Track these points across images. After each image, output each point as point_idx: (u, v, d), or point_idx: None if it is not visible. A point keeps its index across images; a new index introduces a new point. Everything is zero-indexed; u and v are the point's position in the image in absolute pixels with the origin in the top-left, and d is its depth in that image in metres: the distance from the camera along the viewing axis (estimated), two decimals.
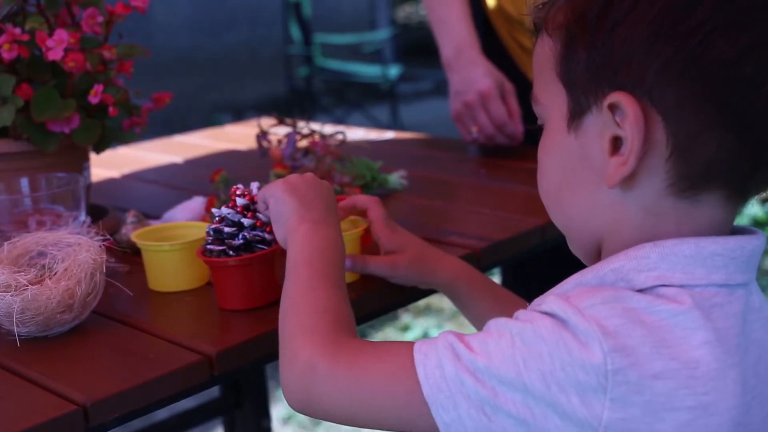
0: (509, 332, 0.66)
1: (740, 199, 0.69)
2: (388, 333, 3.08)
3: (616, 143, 0.67)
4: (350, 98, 6.70)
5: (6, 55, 1.15)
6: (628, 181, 0.68)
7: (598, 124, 0.68)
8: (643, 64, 0.64)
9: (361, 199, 1.05)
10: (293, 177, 0.93)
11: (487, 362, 0.65)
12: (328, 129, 1.65)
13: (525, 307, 0.82)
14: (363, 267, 1.01)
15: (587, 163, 0.70)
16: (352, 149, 1.55)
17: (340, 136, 1.55)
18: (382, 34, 7.00)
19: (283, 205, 0.90)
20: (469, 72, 1.57)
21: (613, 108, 0.66)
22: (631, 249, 0.68)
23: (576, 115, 0.70)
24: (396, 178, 1.44)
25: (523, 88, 1.66)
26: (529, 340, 0.64)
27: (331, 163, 1.44)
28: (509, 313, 0.70)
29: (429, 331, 3.00)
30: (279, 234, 0.91)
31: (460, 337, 0.68)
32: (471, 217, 1.32)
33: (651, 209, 0.68)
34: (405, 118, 6.09)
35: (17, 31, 1.15)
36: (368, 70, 6.33)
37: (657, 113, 0.65)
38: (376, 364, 0.71)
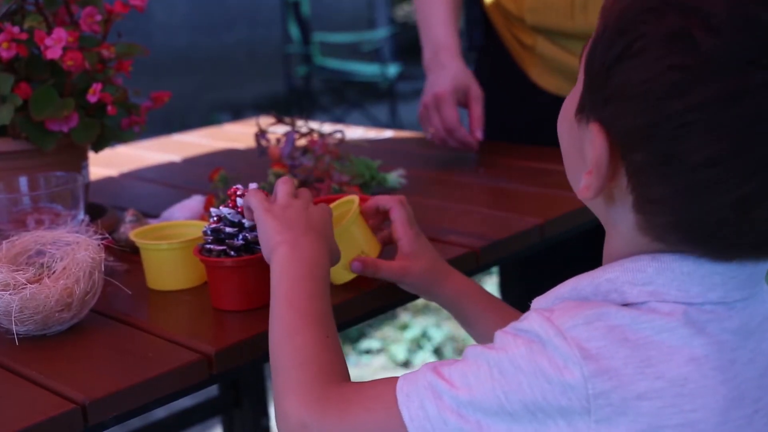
0: (486, 363, 0.66)
1: (722, 258, 0.66)
2: (387, 332, 3.08)
3: None
4: (349, 97, 6.70)
5: (4, 54, 1.15)
6: (607, 197, 0.68)
7: (589, 135, 0.67)
8: (625, 114, 0.63)
9: (384, 200, 1.04)
10: (278, 205, 0.91)
11: (469, 396, 0.66)
12: (327, 128, 1.65)
13: None
14: (374, 272, 1.00)
15: (581, 158, 0.70)
16: (351, 148, 1.55)
17: (338, 135, 1.55)
18: (381, 33, 7.00)
19: (261, 224, 0.90)
20: (437, 75, 1.56)
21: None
22: (628, 260, 0.67)
23: (580, 110, 0.69)
24: (394, 177, 1.44)
25: (521, 87, 1.66)
26: (506, 371, 0.64)
27: (329, 162, 1.44)
28: None
29: (428, 330, 3.00)
30: (264, 252, 0.90)
31: (439, 372, 0.68)
32: (470, 216, 1.32)
33: (627, 235, 0.68)
34: (404, 117, 6.10)
35: (16, 29, 1.15)
36: (367, 69, 6.33)
37: (622, 164, 0.65)
38: (364, 412, 0.73)
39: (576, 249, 1.38)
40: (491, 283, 3.23)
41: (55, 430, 0.81)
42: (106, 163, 1.76)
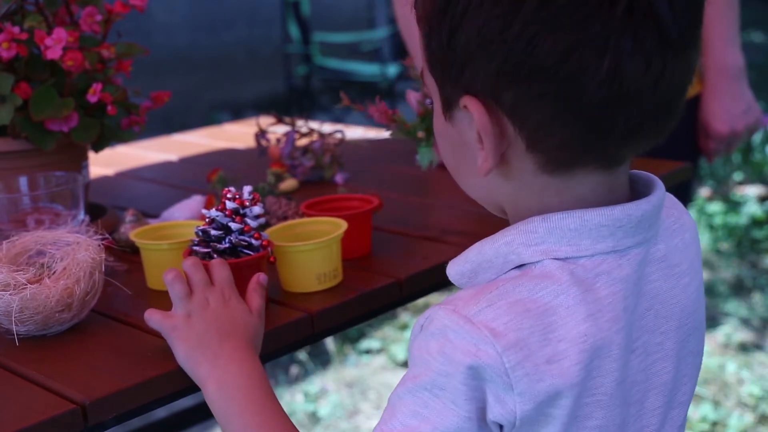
0: (425, 390, 0.68)
1: (615, 165, 0.71)
2: (387, 332, 3.08)
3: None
4: (349, 97, 6.70)
5: (5, 54, 1.15)
6: (503, 167, 0.71)
7: (465, 117, 0.71)
8: (481, 68, 0.67)
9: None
10: (177, 317, 0.91)
11: (432, 427, 0.68)
12: (327, 127, 1.65)
13: None
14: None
15: (467, 149, 0.72)
16: (350, 148, 1.55)
17: (338, 135, 1.56)
18: (381, 33, 7.00)
19: (174, 349, 0.89)
20: None
21: (467, 108, 0.69)
22: (521, 222, 0.71)
23: (447, 107, 0.73)
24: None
25: None
26: (443, 384, 0.67)
27: (329, 162, 1.44)
28: None
29: None
30: (190, 375, 0.89)
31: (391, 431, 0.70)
32: (470, 215, 1.32)
33: (532, 186, 0.71)
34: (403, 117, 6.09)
35: (16, 29, 1.15)
36: (367, 69, 6.33)
37: (502, 113, 0.68)
38: None
39: None
40: None
41: (55, 430, 0.81)
42: (106, 163, 1.76)
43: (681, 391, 0.78)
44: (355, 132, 1.94)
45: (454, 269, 0.74)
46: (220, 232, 0.98)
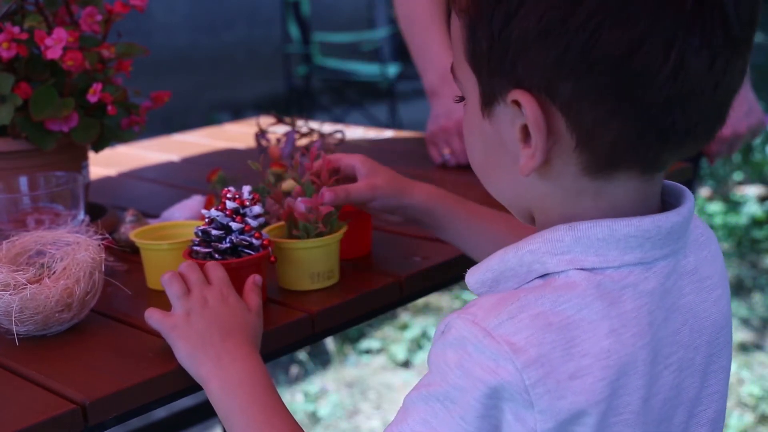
0: (437, 401, 0.67)
1: (655, 171, 0.69)
2: (387, 332, 3.08)
3: (527, 132, 0.68)
4: (349, 97, 6.70)
5: (5, 54, 1.15)
6: (544, 167, 0.69)
7: (508, 114, 0.68)
8: (537, 59, 0.64)
9: (338, 158, 1.08)
10: (177, 316, 0.90)
11: None
12: (327, 128, 1.65)
13: (501, 221, 0.98)
14: (346, 197, 1.03)
15: (504, 148, 0.70)
16: (350, 148, 1.55)
17: (338, 135, 1.56)
18: (381, 33, 6.99)
19: (174, 349, 0.89)
20: (452, 101, 1.57)
21: (516, 103, 0.67)
22: (547, 230, 0.69)
23: (487, 103, 0.70)
24: None
25: None
26: (456, 398, 0.66)
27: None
28: (487, 226, 0.95)
29: (428, 330, 3.00)
30: (191, 374, 0.89)
31: None
32: None
33: (569, 189, 0.69)
34: (404, 117, 6.09)
35: (16, 29, 1.15)
36: (367, 69, 6.32)
37: (556, 108, 0.66)
38: None
39: None
40: None
41: (55, 430, 0.81)
42: (106, 163, 1.76)
43: (712, 408, 0.75)
44: (355, 132, 1.94)
45: (474, 278, 0.72)
46: (220, 232, 0.98)
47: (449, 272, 1.17)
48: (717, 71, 0.63)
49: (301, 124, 1.58)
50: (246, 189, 1.01)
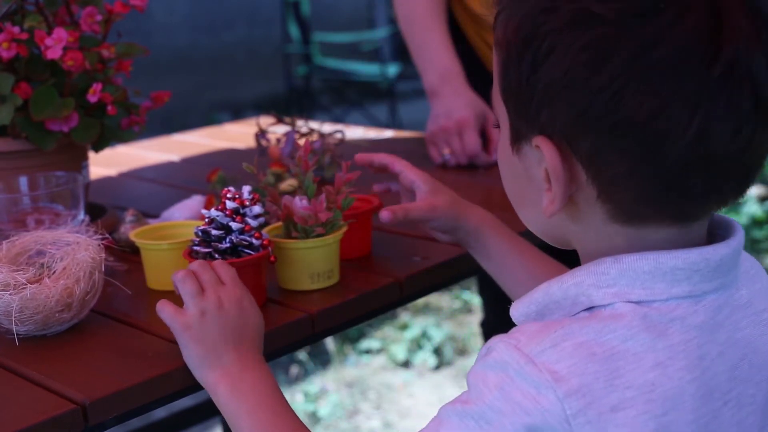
0: (472, 419, 0.66)
1: (692, 221, 0.68)
2: (387, 332, 3.08)
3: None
4: (349, 97, 6.70)
5: (5, 54, 1.15)
6: (571, 209, 0.68)
7: (535, 155, 0.68)
8: (560, 111, 0.64)
9: (379, 157, 1.08)
10: (190, 315, 0.89)
11: None
12: (327, 128, 1.65)
13: (550, 264, 0.96)
14: (405, 215, 1.02)
15: (533, 184, 0.70)
16: (350, 148, 1.55)
17: (338, 135, 1.56)
18: (381, 33, 6.99)
19: (183, 348, 0.88)
20: (453, 101, 1.59)
21: (539, 148, 0.67)
22: (592, 263, 0.68)
23: (516, 140, 0.70)
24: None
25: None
26: (491, 420, 0.64)
27: (329, 163, 1.44)
28: (532, 265, 0.95)
29: (428, 330, 3.00)
30: (197, 377, 0.88)
31: None
32: None
33: (601, 232, 0.69)
34: (404, 117, 6.09)
35: (16, 29, 1.15)
36: (367, 69, 6.32)
37: (576, 160, 0.66)
38: None
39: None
40: None
41: (55, 430, 0.81)
42: (106, 163, 1.76)
43: None
44: (355, 132, 1.94)
45: (518, 310, 0.71)
46: (220, 232, 0.98)
47: (449, 272, 1.17)
48: (743, 139, 0.62)
49: (301, 124, 1.59)
50: (246, 189, 1.01)
